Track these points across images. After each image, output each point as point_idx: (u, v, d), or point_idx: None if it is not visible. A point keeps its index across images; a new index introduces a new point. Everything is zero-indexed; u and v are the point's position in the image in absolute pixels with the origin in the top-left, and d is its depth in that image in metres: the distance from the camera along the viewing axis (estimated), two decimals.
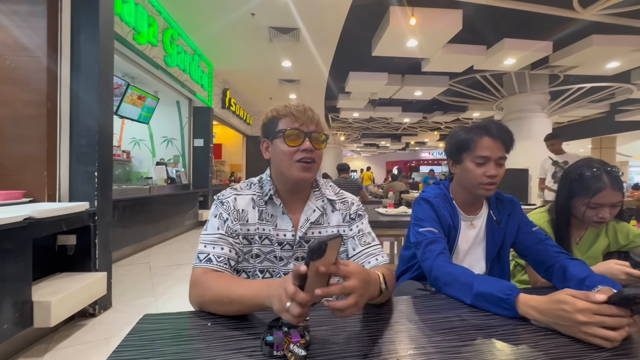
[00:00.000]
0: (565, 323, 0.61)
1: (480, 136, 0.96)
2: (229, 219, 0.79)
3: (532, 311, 0.66)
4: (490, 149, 0.94)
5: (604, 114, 9.60)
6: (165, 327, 0.61)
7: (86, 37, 2.12)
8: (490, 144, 0.95)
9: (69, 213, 1.85)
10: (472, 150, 0.97)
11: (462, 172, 1.00)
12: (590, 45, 4.43)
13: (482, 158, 0.95)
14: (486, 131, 0.96)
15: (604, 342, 0.57)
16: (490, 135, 0.95)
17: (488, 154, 0.94)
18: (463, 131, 1.00)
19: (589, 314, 0.58)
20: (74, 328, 1.95)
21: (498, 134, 0.95)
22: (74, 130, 2.11)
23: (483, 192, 0.97)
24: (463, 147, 0.99)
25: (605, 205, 1.01)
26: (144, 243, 3.90)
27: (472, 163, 0.97)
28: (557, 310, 0.61)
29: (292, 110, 0.79)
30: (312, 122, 0.81)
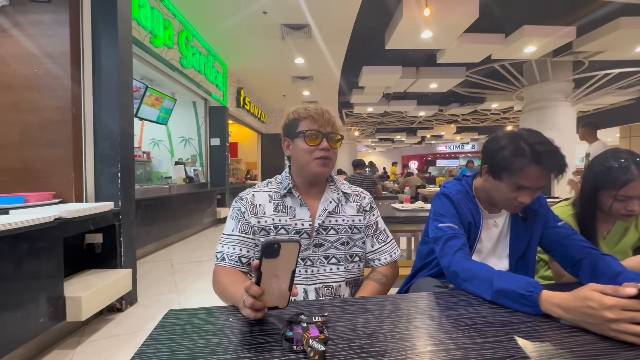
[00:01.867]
0: (592, 321, 0.58)
1: (530, 165, 0.82)
2: (245, 212, 0.90)
3: (556, 309, 0.63)
4: (534, 179, 0.83)
5: (633, 101, 9.08)
6: (189, 322, 0.63)
7: (106, 42, 2.20)
8: (538, 174, 0.83)
9: (96, 213, 1.94)
10: (515, 174, 0.85)
11: (494, 187, 0.92)
12: (617, 29, 4.19)
13: (521, 186, 0.85)
14: (538, 161, 0.81)
15: (636, 338, 0.54)
16: (541, 167, 0.82)
17: (529, 184, 0.84)
18: (511, 151, 0.85)
19: (618, 310, 0.55)
20: (103, 322, 2.04)
21: (550, 166, 0.82)
22: (98, 133, 2.20)
23: (509, 209, 0.94)
24: (507, 168, 0.86)
25: (634, 197, 0.97)
26: (166, 240, 4.03)
27: (509, 186, 0.87)
28: (583, 307, 0.59)
29: (311, 113, 0.89)
30: (329, 124, 0.90)
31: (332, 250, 0.92)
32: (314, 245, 0.90)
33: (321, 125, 0.89)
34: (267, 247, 0.55)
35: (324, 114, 0.90)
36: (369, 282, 0.94)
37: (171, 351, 0.53)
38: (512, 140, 0.86)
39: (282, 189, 0.93)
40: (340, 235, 0.93)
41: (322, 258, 0.91)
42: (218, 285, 0.82)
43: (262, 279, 0.57)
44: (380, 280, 0.94)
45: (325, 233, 0.92)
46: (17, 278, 1.45)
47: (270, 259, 0.56)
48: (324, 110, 0.91)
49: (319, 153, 0.88)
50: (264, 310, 0.60)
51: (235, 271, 0.85)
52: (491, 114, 10.83)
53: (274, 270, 0.57)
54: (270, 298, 0.59)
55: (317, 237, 0.91)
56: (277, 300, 0.60)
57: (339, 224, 0.94)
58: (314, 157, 0.88)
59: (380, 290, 0.92)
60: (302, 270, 0.89)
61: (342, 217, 0.95)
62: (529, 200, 0.86)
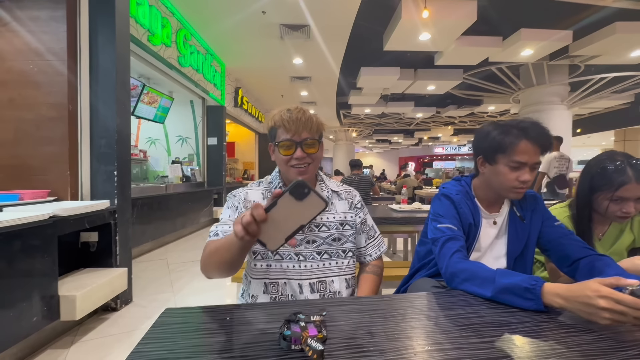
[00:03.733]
0: (587, 309, 0.61)
1: (519, 139, 0.90)
2: (239, 206, 0.92)
3: (557, 299, 0.66)
4: (528, 153, 0.89)
5: (627, 105, 9.20)
6: (186, 321, 0.63)
7: (103, 39, 2.18)
8: (529, 148, 0.89)
9: (91, 211, 1.92)
10: (508, 153, 0.91)
11: (493, 173, 0.95)
12: (613, 33, 4.24)
13: (517, 163, 0.90)
14: (525, 134, 0.90)
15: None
16: (529, 139, 0.89)
17: (525, 160, 0.89)
18: (499, 131, 0.93)
19: (612, 301, 0.58)
20: (98, 321, 2.03)
21: (537, 137, 0.90)
22: (94, 131, 2.18)
23: (513, 195, 0.94)
24: (498, 149, 0.92)
25: (629, 199, 0.98)
26: (162, 240, 4.01)
27: (507, 167, 0.92)
28: (581, 296, 0.62)
29: (284, 122, 0.88)
30: (305, 128, 0.88)
31: (324, 246, 0.94)
32: (306, 241, 0.93)
33: (294, 134, 0.88)
34: (298, 186, 0.51)
35: (297, 121, 0.87)
36: (368, 276, 1.00)
37: (168, 350, 0.52)
38: (497, 125, 0.96)
39: (273, 188, 0.96)
40: (331, 231, 0.96)
41: (315, 254, 0.93)
42: (204, 250, 0.79)
43: (272, 210, 0.53)
44: (377, 272, 1.02)
45: (317, 230, 0.94)
46: (10, 276, 1.43)
47: (292, 199, 0.52)
48: (297, 116, 0.88)
49: (294, 162, 0.89)
50: (253, 236, 0.55)
51: None
52: (488, 116, 10.90)
53: (288, 212, 0.53)
54: (265, 232, 0.55)
55: (308, 233, 0.93)
56: (269, 239, 0.56)
57: (330, 221, 0.96)
58: (291, 165, 0.90)
59: (379, 281, 1.01)
60: (296, 265, 0.90)
61: (333, 214, 0.98)
62: (528, 177, 0.90)
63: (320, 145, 0.93)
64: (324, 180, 1.03)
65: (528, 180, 0.91)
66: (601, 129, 11.32)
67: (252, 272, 0.92)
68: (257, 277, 0.92)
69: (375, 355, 0.51)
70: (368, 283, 0.98)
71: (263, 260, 0.91)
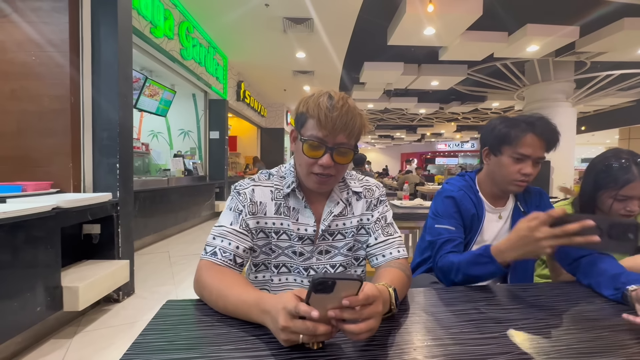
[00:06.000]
0: (531, 248, 0.68)
1: (525, 132, 0.92)
2: (243, 211, 0.77)
3: (505, 253, 0.74)
4: (532, 147, 0.91)
5: (633, 103, 9.09)
6: (188, 313, 0.63)
7: (106, 31, 2.17)
8: (534, 141, 0.91)
9: (94, 203, 1.93)
10: (513, 145, 0.93)
11: (497, 165, 0.97)
12: (621, 29, 4.17)
13: (521, 155, 0.92)
14: (532, 128, 0.92)
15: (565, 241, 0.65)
16: (535, 133, 0.91)
17: (529, 153, 0.91)
18: (506, 124, 0.95)
19: (545, 229, 0.66)
20: (100, 312, 2.05)
21: (543, 132, 0.91)
22: (96, 123, 2.18)
23: (514, 188, 0.96)
24: (504, 141, 0.94)
25: (634, 197, 0.97)
26: (164, 233, 4.03)
27: (510, 158, 0.94)
28: (520, 239, 0.70)
29: (321, 114, 0.69)
30: (344, 130, 0.70)
31: (339, 257, 0.82)
32: (318, 252, 0.81)
33: (328, 134, 0.70)
34: (320, 284, 0.46)
35: (337, 119, 0.68)
36: (391, 270, 0.73)
37: (169, 341, 0.53)
38: (505, 119, 0.98)
39: (285, 187, 0.80)
40: (347, 239, 0.83)
41: (329, 266, 0.82)
42: (208, 285, 0.65)
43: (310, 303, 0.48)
44: (402, 268, 0.75)
45: (332, 239, 0.81)
46: (14, 267, 1.44)
47: (321, 295, 0.47)
48: (341, 113, 0.69)
49: (317, 169, 0.72)
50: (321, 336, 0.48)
51: (230, 270, 0.71)
52: (491, 112, 10.81)
53: (324, 302, 0.48)
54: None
55: (321, 243, 0.81)
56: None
57: (347, 228, 0.82)
58: (311, 172, 0.74)
59: (406, 279, 0.73)
60: (304, 281, 0.81)
61: (350, 218, 0.83)
62: (530, 170, 0.92)
63: (354, 155, 0.75)
64: (345, 178, 0.87)
65: (530, 173, 0.92)
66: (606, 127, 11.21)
67: (253, 283, 0.84)
68: (257, 287, 0.83)
69: (376, 349, 0.52)
70: (391, 274, 0.70)
71: (266, 271, 0.82)
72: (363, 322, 0.48)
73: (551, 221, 0.66)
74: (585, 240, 0.64)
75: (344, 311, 0.48)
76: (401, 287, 0.67)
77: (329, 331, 0.48)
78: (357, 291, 0.48)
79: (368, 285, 0.51)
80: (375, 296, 0.51)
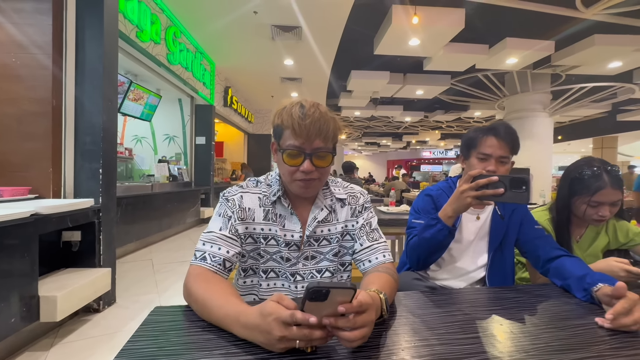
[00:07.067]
0: (461, 202, 0.85)
1: (487, 135, 1.03)
2: (232, 217, 0.78)
3: (446, 209, 0.90)
4: (493, 147, 1.01)
5: (605, 114, 9.59)
6: (176, 319, 0.63)
7: (91, 34, 2.13)
8: (494, 142, 1.02)
9: (74, 209, 1.87)
10: (477, 147, 1.04)
11: (468, 167, 1.07)
12: (592, 45, 4.43)
13: (484, 155, 1.03)
14: (493, 131, 1.03)
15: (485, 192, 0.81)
16: (496, 135, 1.02)
17: (490, 152, 1.02)
18: (474, 130, 1.08)
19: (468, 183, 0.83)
20: (79, 323, 1.97)
21: (504, 135, 1.02)
22: (79, 127, 2.13)
23: None
24: (471, 145, 1.07)
25: (605, 203, 1.03)
26: (147, 240, 3.93)
27: (476, 159, 1.04)
28: (453, 196, 0.88)
29: (294, 124, 0.72)
30: (319, 135, 0.73)
31: (325, 262, 0.84)
32: (304, 258, 0.82)
33: (305, 141, 0.73)
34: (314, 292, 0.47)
35: (310, 126, 0.71)
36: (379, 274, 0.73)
37: (159, 347, 0.52)
38: (474, 128, 1.10)
39: (272, 195, 0.82)
40: (332, 245, 0.85)
41: (315, 272, 0.83)
42: (194, 293, 0.64)
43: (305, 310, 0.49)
44: (390, 272, 0.75)
45: (317, 244, 0.83)
46: None
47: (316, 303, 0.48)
48: (312, 120, 0.71)
49: (299, 175, 0.75)
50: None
51: (218, 278, 0.70)
52: (474, 121, 11.15)
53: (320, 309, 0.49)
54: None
55: (307, 248, 0.82)
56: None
57: (332, 234, 0.84)
58: (295, 179, 0.76)
59: (394, 283, 0.73)
60: (292, 286, 0.82)
61: (335, 224, 0.85)
62: (493, 167, 1.00)
63: (333, 157, 0.78)
64: (329, 185, 0.88)
65: (493, 170, 1.00)
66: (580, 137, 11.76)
67: (240, 289, 0.85)
68: (244, 293, 0.84)
69: (364, 351, 0.53)
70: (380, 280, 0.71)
71: (254, 276, 0.83)
72: (357, 330, 0.50)
73: (470, 180, 0.83)
74: (493, 192, 0.80)
75: (339, 319, 0.49)
76: (390, 291, 0.69)
77: (324, 336, 0.49)
78: (350, 299, 0.50)
79: (362, 293, 0.53)
80: (369, 304, 0.52)
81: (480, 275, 1.07)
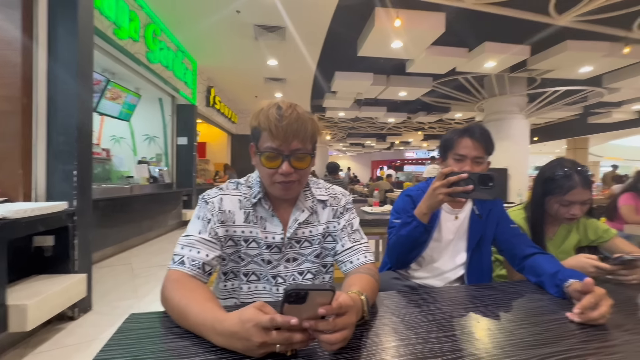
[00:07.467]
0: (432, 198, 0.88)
1: (462, 137, 1.06)
2: (212, 220, 0.76)
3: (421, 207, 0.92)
4: (468, 148, 1.04)
5: (577, 116, 10.04)
6: (153, 326, 0.61)
7: (64, 30, 2.05)
8: (469, 144, 1.04)
9: (46, 213, 1.79)
10: (453, 148, 1.07)
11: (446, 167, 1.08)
12: (565, 50, 4.62)
13: (459, 155, 1.05)
14: (467, 133, 1.06)
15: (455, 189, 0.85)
16: (471, 137, 1.05)
17: (465, 153, 1.05)
18: (450, 132, 1.11)
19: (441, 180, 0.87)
20: (52, 332, 1.88)
21: (478, 136, 1.05)
22: (52, 127, 2.04)
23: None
24: (447, 146, 1.10)
25: (576, 202, 1.08)
26: (126, 244, 3.80)
27: (452, 160, 1.07)
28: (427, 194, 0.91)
29: (271, 126, 0.71)
30: (297, 136, 0.72)
31: (307, 264, 0.83)
32: (285, 260, 0.82)
33: (282, 143, 0.72)
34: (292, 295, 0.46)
35: (287, 128, 0.71)
36: (360, 275, 0.74)
37: (133, 356, 0.50)
38: (452, 129, 1.12)
39: (252, 197, 0.81)
40: (314, 247, 0.84)
41: (297, 274, 0.82)
42: (171, 300, 0.62)
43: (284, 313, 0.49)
44: (371, 273, 0.75)
45: (299, 246, 0.83)
46: None
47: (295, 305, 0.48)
48: (289, 121, 0.71)
49: (279, 177, 0.74)
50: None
51: (196, 283, 0.68)
52: (455, 123, 11.43)
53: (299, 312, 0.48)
54: None
55: (289, 250, 0.82)
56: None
57: (313, 235, 0.84)
58: (274, 181, 0.76)
59: (375, 284, 0.73)
60: (273, 288, 0.81)
61: (317, 225, 0.85)
62: (468, 168, 1.03)
63: (312, 158, 0.78)
64: (310, 186, 0.88)
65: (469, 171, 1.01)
66: (555, 138, 12.27)
67: (221, 292, 0.83)
68: (225, 297, 0.82)
69: (345, 352, 0.53)
70: (361, 281, 0.70)
71: (235, 279, 0.82)
72: (338, 332, 0.49)
73: (442, 177, 0.87)
74: (462, 189, 0.84)
75: (319, 322, 0.49)
76: (371, 292, 0.69)
77: (305, 339, 0.49)
78: (330, 300, 0.49)
79: (342, 295, 0.53)
80: (349, 306, 0.52)
81: (459, 274, 1.09)
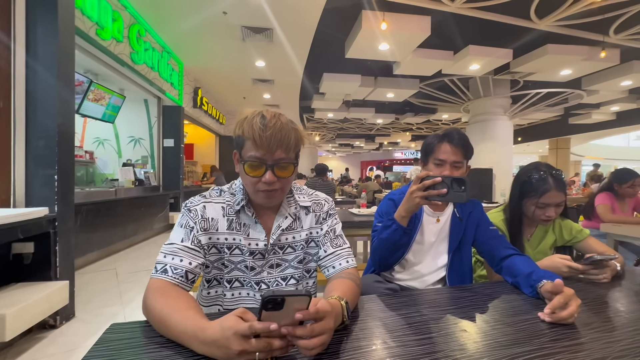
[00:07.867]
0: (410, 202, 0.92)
1: (441, 142, 1.09)
2: (195, 227, 0.76)
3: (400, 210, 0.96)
4: (447, 153, 1.07)
5: (559, 117, 10.35)
6: (134, 336, 0.61)
7: (44, 30, 1.99)
8: (448, 149, 1.07)
9: (25, 219, 1.74)
10: (433, 153, 1.10)
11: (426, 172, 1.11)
12: (545, 54, 4.77)
13: (439, 160, 1.08)
14: (446, 138, 1.09)
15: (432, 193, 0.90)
16: (450, 142, 1.08)
17: (444, 157, 1.07)
18: (431, 137, 1.14)
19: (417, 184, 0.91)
20: (33, 341, 1.83)
21: (456, 141, 1.07)
22: (31, 130, 1.98)
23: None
24: (428, 151, 1.12)
25: (551, 204, 1.12)
26: (110, 248, 3.72)
27: (433, 164, 1.10)
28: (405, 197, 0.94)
29: (255, 135, 0.71)
30: (281, 146, 0.73)
31: (290, 269, 0.84)
32: (269, 266, 0.82)
33: (266, 152, 0.72)
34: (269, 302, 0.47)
35: (271, 138, 0.71)
36: (342, 280, 0.76)
37: None
38: (433, 134, 1.15)
39: (236, 204, 0.81)
40: (297, 252, 0.85)
41: (280, 279, 0.83)
42: (152, 309, 0.62)
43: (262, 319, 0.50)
44: (353, 278, 0.78)
45: (282, 252, 0.84)
46: None
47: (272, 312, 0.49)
48: (272, 131, 0.71)
49: (262, 186, 0.75)
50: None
51: (178, 291, 0.68)
52: (442, 124, 11.62)
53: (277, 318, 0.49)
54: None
55: (272, 256, 0.83)
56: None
57: (296, 241, 0.85)
58: (257, 189, 0.76)
59: (356, 288, 0.76)
60: (257, 295, 0.82)
61: (300, 231, 0.86)
62: (448, 172, 1.06)
63: (295, 167, 0.79)
64: (293, 192, 0.89)
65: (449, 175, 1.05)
66: (538, 138, 12.62)
67: (205, 300, 0.83)
68: (209, 304, 0.83)
69: (325, 357, 0.54)
70: (343, 286, 0.72)
71: (219, 286, 0.82)
72: (315, 338, 0.51)
73: (419, 181, 0.91)
74: (437, 192, 0.88)
75: (297, 328, 0.50)
76: (352, 297, 0.70)
77: (284, 345, 0.50)
78: (307, 305, 0.50)
79: (322, 301, 0.54)
80: (327, 311, 0.53)
81: (441, 275, 1.12)
